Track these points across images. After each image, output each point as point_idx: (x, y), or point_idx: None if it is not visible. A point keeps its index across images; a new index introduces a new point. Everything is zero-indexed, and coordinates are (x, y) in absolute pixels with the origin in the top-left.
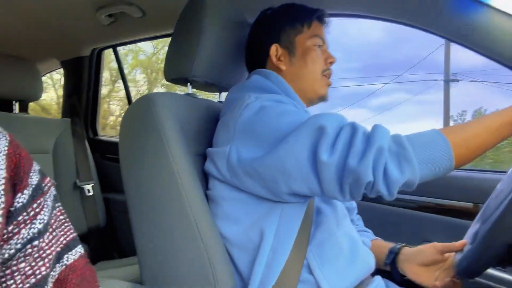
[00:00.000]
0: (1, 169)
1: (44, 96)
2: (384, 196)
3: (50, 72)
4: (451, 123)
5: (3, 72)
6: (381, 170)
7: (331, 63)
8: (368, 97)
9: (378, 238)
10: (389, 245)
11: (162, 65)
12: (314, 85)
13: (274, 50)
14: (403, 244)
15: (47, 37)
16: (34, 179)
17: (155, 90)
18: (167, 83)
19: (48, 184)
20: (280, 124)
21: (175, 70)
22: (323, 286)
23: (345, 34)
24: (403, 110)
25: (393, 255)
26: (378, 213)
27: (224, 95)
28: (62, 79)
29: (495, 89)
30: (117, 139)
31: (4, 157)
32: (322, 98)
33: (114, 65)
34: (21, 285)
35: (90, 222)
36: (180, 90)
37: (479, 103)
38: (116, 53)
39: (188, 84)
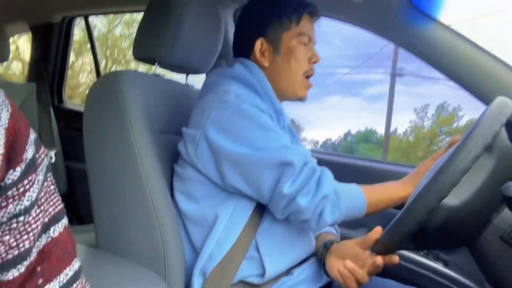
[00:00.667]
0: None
1: None
2: (310, 228)
3: (18, 34)
4: (413, 116)
5: None
6: (318, 213)
7: (315, 62)
8: (362, 86)
9: (332, 231)
10: (329, 238)
11: (119, 42)
12: (295, 86)
13: (259, 45)
14: (333, 240)
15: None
16: (29, 152)
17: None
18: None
19: (42, 156)
20: (254, 134)
21: (144, 49)
22: (266, 263)
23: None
24: (396, 100)
25: (325, 249)
26: None
27: (191, 77)
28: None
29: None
30: (81, 108)
31: (3, 131)
32: (300, 99)
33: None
34: (4, 254)
35: None
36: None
37: (442, 97)
38: (87, 23)
39: (156, 64)
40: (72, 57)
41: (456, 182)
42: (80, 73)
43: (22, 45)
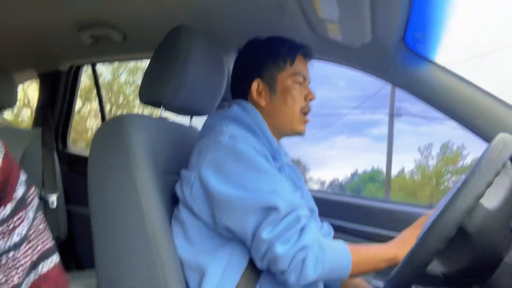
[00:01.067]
0: None
1: None
2: (288, 283)
3: (27, 81)
4: (417, 155)
5: None
6: (297, 264)
7: (311, 99)
8: (370, 127)
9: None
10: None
11: (123, 88)
12: (292, 123)
13: (256, 85)
14: None
15: (26, 49)
16: (19, 192)
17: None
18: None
19: (32, 196)
20: (246, 175)
21: (150, 93)
22: None
23: None
24: (404, 140)
25: None
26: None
27: (195, 119)
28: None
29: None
30: (85, 153)
31: None
32: (299, 133)
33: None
34: None
35: (51, 234)
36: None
37: (447, 136)
38: (94, 71)
39: (161, 106)
40: (79, 103)
41: (460, 222)
42: (88, 118)
43: (30, 93)
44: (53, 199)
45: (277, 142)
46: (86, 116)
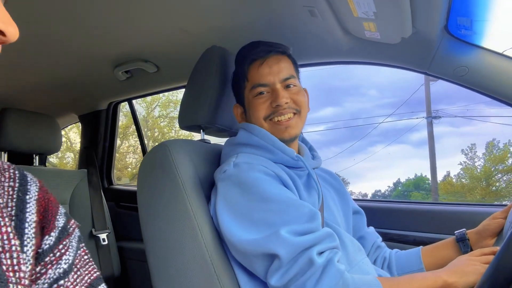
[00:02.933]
0: (32, 213)
1: None
2: None
3: (68, 125)
4: (462, 157)
5: (27, 128)
6: None
7: (277, 105)
8: (408, 132)
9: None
10: (449, 239)
11: (157, 122)
12: (269, 131)
13: (235, 110)
14: (464, 230)
15: (66, 95)
16: (60, 221)
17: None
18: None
19: (73, 226)
20: (251, 208)
21: (189, 118)
22: None
23: (377, 72)
24: (447, 143)
25: (467, 241)
26: None
27: None
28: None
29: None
30: (130, 187)
31: (34, 202)
32: (290, 140)
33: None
34: None
35: (105, 271)
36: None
37: (491, 135)
38: (131, 106)
39: (201, 130)
40: (118, 141)
41: None
42: (127, 154)
43: (72, 136)
44: (103, 236)
45: (295, 149)
46: (125, 153)
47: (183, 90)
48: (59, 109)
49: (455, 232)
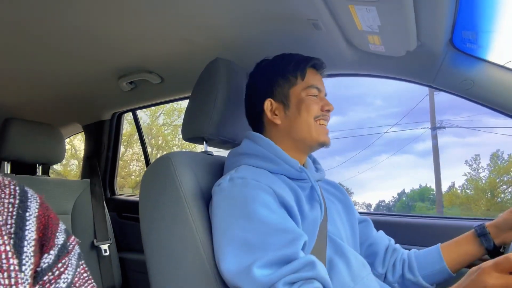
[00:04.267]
0: (32, 231)
1: None
2: None
3: (72, 135)
4: (464, 168)
5: (30, 138)
6: None
7: (328, 110)
8: (413, 142)
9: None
10: (468, 234)
11: (161, 130)
12: (311, 132)
13: (268, 105)
14: (484, 223)
15: (70, 105)
16: (60, 239)
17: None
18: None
19: (73, 243)
20: (235, 227)
21: (192, 130)
22: None
23: (382, 81)
24: (452, 153)
25: (488, 235)
26: None
27: None
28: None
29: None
30: (132, 198)
31: (34, 219)
32: (323, 144)
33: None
34: None
35: (106, 282)
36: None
37: (495, 145)
38: (135, 117)
39: (204, 142)
40: (121, 148)
41: None
42: (130, 162)
43: (76, 144)
44: (105, 247)
45: (303, 161)
46: (128, 160)
47: (188, 100)
48: (63, 119)
49: (474, 225)
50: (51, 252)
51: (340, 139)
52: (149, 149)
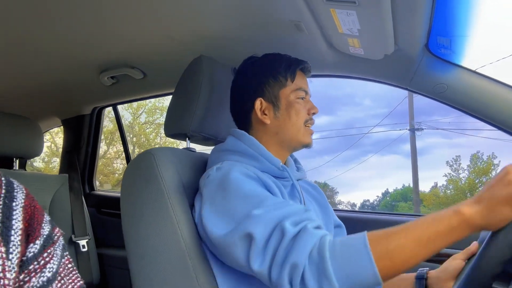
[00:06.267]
0: (19, 220)
1: None
2: None
3: (50, 129)
4: (447, 169)
5: (6, 131)
6: (297, 284)
7: (314, 113)
8: (400, 143)
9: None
10: (411, 274)
11: (143, 128)
12: (298, 135)
13: (259, 104)
14: (427, 269)
15: (49, 99)
16: (45, 229)
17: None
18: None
19: (58, 234)
20: (231, 205)
21: (175, 126)
22: None
23: (369, 82)
24: (438, 153)
25: (423, 280)
26: None
27: None
28: None
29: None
30: (112, 193)
31: (21, 209)
32: (307, 146)
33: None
34: None
35: (84, 279)
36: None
37: (478, 147)
38: (116, 112)
39: (187, 138)
40: (103, 146)
41: None
42: (114, 160)
43: (58, 142)
44: (83, 243)
45: (285, 159)
46: (112, 158)
47: (170, 96)
48: (41, 113)
49: (419, 269)
50: (37, 242)
51: (328, 139)
52: (130, 148)
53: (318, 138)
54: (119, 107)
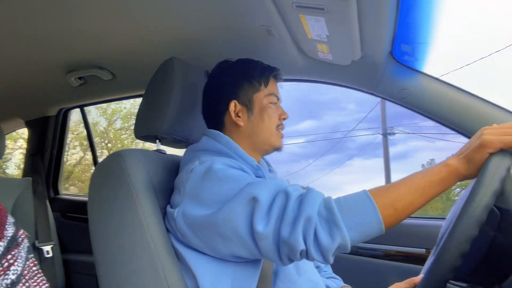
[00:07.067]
0: None
1: None
2: (320, 262)
3: (13, 131)
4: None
5: None
6: (311, 239)
7: (284, 119)
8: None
9: (347, 285)
10: None
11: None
12: (270, 139)
13: (233, 106)
14: None
15: (12, 98)
16: (9, 231)
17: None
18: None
19: (22, 236)
20: (222, 190)
21: (145, 128)
22: None
23: None
24: (421, 157)
25: None
26: (346, 263)
27: None
28: None
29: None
30: (78, 197)
31: None
32: (278, 149)
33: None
34: None
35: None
36: None
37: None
38: (83, 114)
39: (157, 140)
40: (80, 152)
41: (473, 235)
42: (92, 166)
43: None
44: (48, 249)
45: (257, 161)
46: (89, 164)
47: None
48: (3, 113)
49: None
50: (0, 243)
51: (315, 143)
52: (106, 153)
53: (303, 142)
54: (94, 112)
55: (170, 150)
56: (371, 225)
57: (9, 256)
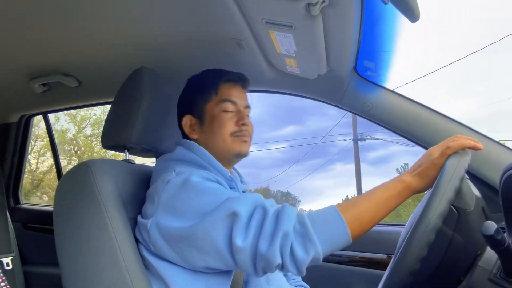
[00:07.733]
0: None
1: None
2: (294, 274)
3: None
4: (395, 175)
5: None
6: (288, 253)
7: (243, 124)
8: (365, 151)
9: None
10: None
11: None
12: (225, 146)
13: (186, 121)
14: None
15: None
16: None
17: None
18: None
19: None
20: (199, 203)
21: (113, 138)
22: None
23: None
24: (400, 161)
25: None
26: (314, 270)
27: None
28: None
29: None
30: (40, 207)
31: None
32: (239, 155)
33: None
34: None
35: None
36: None
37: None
38: (47, 121)
39: (126, 150)
40: (50, 160)
41: (430, 240)
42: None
43: None
44: (7, 261)
45: (229, 171)
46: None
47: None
48: None
49: None
50: None
51: (296, 148)
52: (76, 161)
53: (285, 147)
54: (62, 118)
55: (139, 160)
56: (341, 238)
57: None
